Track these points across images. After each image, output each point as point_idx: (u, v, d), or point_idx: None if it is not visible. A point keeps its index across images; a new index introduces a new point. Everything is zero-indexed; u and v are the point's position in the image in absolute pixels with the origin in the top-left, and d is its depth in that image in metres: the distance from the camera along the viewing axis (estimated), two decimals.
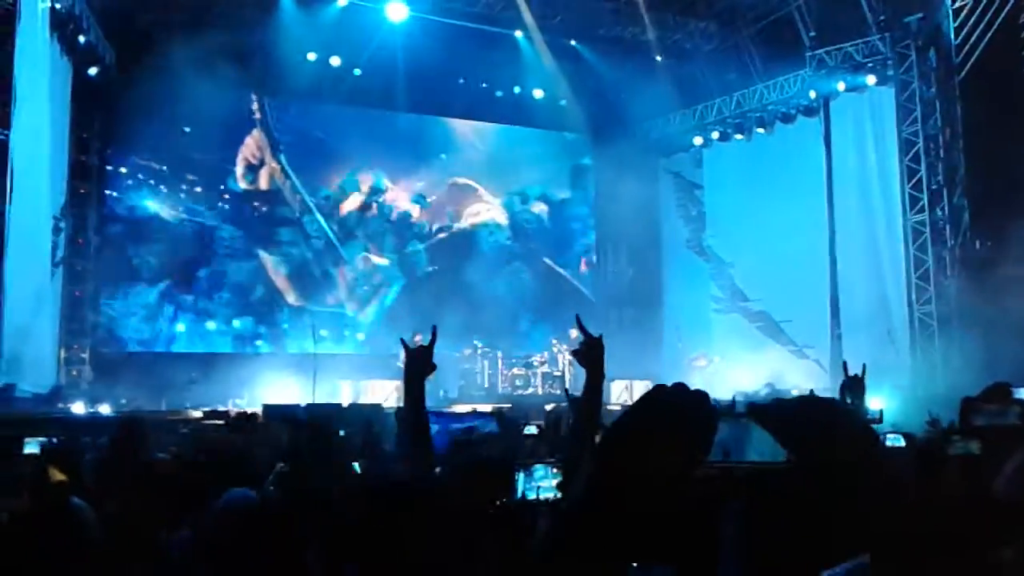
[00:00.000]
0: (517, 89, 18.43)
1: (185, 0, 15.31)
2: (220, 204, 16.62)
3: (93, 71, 14.37)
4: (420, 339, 2.72)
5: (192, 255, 16.27)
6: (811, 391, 2.83)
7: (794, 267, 15.96)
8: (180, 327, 16.15)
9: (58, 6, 12.69)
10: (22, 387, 11.52)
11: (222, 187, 16.59)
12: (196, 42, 14.98)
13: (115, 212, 15.68)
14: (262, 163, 17.01)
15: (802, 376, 14.85)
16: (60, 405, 11.93)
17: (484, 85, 18.27)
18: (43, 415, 10.37)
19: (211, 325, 16.43)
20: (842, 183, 15.72)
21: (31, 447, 4.39)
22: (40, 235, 12.86)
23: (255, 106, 16.90)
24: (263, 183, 17.06)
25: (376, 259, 18.01)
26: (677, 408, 1.71)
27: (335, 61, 16.71)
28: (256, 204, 16.98)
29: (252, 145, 16.96)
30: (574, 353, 2.82)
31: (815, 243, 15.88)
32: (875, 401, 6.28)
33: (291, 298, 17.10)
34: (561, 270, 19.77)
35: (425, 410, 2.68)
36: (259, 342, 16.74)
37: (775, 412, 2.02)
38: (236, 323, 16.62)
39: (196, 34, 15.07)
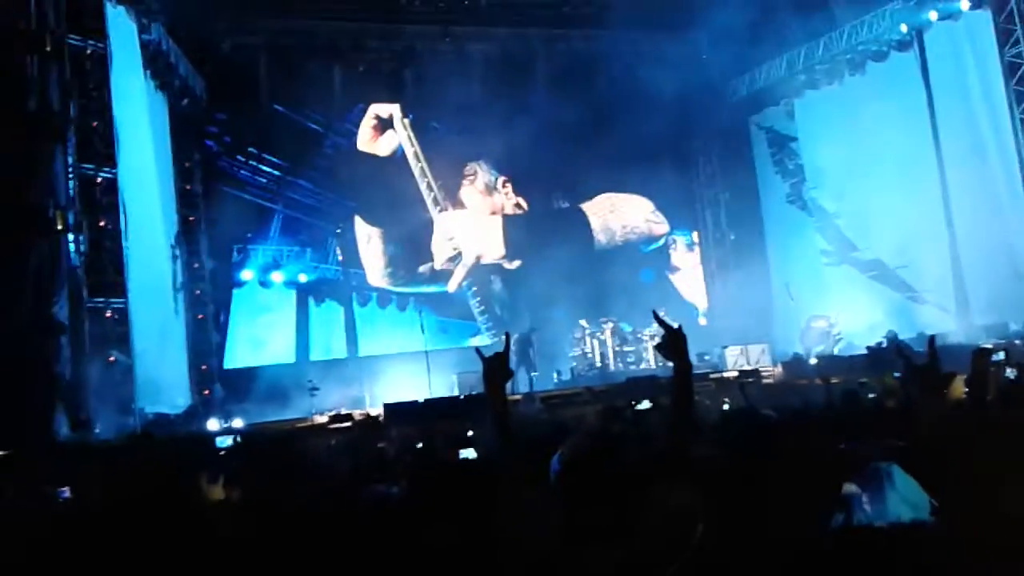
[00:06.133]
0: None
1: (264, 22, 15.69)
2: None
3: (185, 102, 14.92)
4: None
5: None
6: (931, 337, 2.82)
7: (904, 209, 15.24)
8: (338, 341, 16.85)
9: (145, 38, 13.06)
10: (156, 409, 11.97)
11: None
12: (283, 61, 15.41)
13: (230, 240, 16.28)
14: (390, 123, 17.39)
15: (924, 322, 14.29)
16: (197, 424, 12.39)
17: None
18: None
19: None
20: (946, 117, 14.96)
21: (224, 442, 4.72)
22: (160, 264, 13.43)
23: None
24: (384, 148, 17.40)
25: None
26: None
27: None
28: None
29: (384, 106, 17.43)
30: (657, 347, 2.87)
31: (924, 182, 15.16)
32: None
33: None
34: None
35: (509, 416, 2.73)
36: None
37: None
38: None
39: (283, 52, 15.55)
